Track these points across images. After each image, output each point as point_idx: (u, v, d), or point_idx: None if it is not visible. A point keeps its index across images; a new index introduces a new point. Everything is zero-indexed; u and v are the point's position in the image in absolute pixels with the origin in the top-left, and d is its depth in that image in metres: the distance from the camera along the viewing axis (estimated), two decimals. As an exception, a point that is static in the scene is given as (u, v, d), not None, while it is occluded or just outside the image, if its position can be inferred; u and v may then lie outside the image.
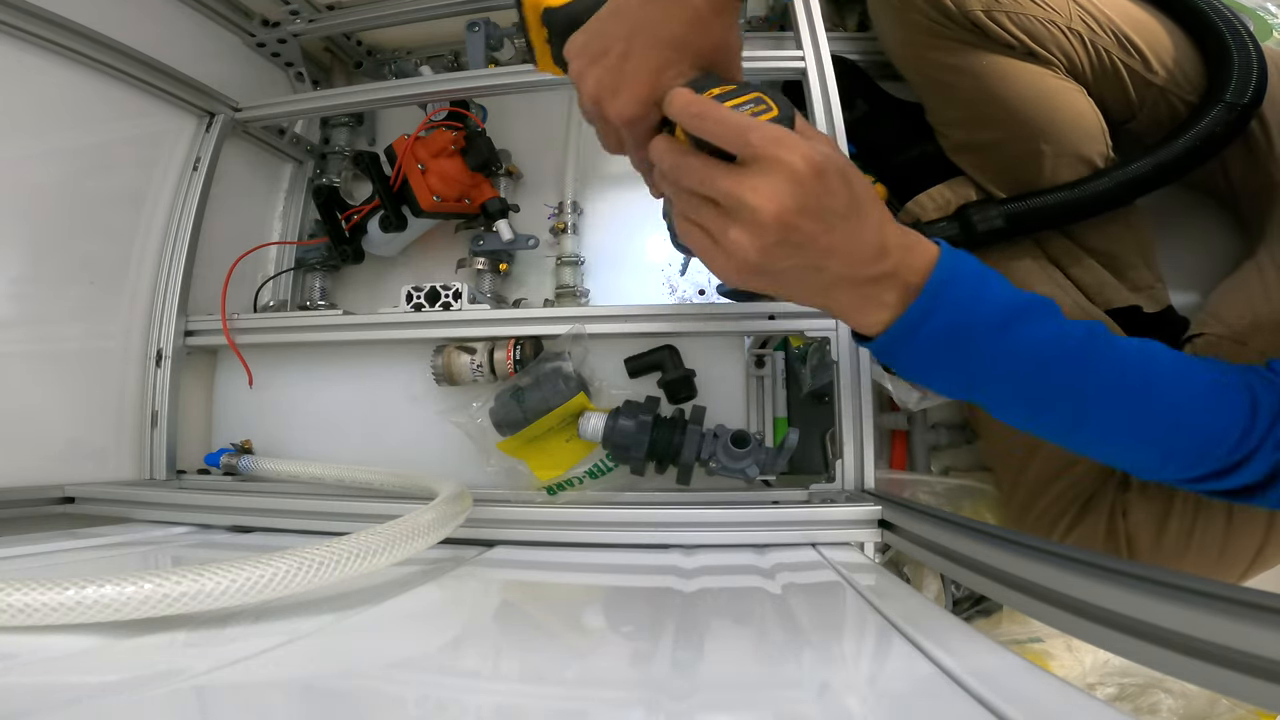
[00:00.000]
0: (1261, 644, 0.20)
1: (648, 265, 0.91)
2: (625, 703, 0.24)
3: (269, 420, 0.75)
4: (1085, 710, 0.21)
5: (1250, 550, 0.57)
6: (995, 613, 0.77)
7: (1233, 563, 0.58)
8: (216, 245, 0.82)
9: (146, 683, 0.25)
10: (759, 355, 0.85)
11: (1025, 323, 0.38)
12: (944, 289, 0.37)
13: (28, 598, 0.28)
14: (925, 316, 0.37)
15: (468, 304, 0.69)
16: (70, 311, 0.69)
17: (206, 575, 0.29)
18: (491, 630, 0.36)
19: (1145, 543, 0.59)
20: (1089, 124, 0.67)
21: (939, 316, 0.37)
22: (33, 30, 0.62)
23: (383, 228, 0.84)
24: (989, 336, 0.37)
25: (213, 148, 0.80)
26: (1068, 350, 0.38)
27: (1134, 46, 0.66)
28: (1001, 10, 0.65)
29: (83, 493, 0.64)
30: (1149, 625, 0.24)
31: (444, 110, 0.84)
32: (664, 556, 0.49)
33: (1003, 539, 0.34)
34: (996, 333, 0.37)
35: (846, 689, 0.24)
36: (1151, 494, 0.59)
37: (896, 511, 0.48)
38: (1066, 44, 0.66)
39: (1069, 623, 0.28)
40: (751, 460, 0.58)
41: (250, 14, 0.93)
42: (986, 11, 0.65)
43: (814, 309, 0.47)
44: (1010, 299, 0.38)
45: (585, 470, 0.67)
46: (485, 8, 0.90)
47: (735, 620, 0.36)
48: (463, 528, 0.46)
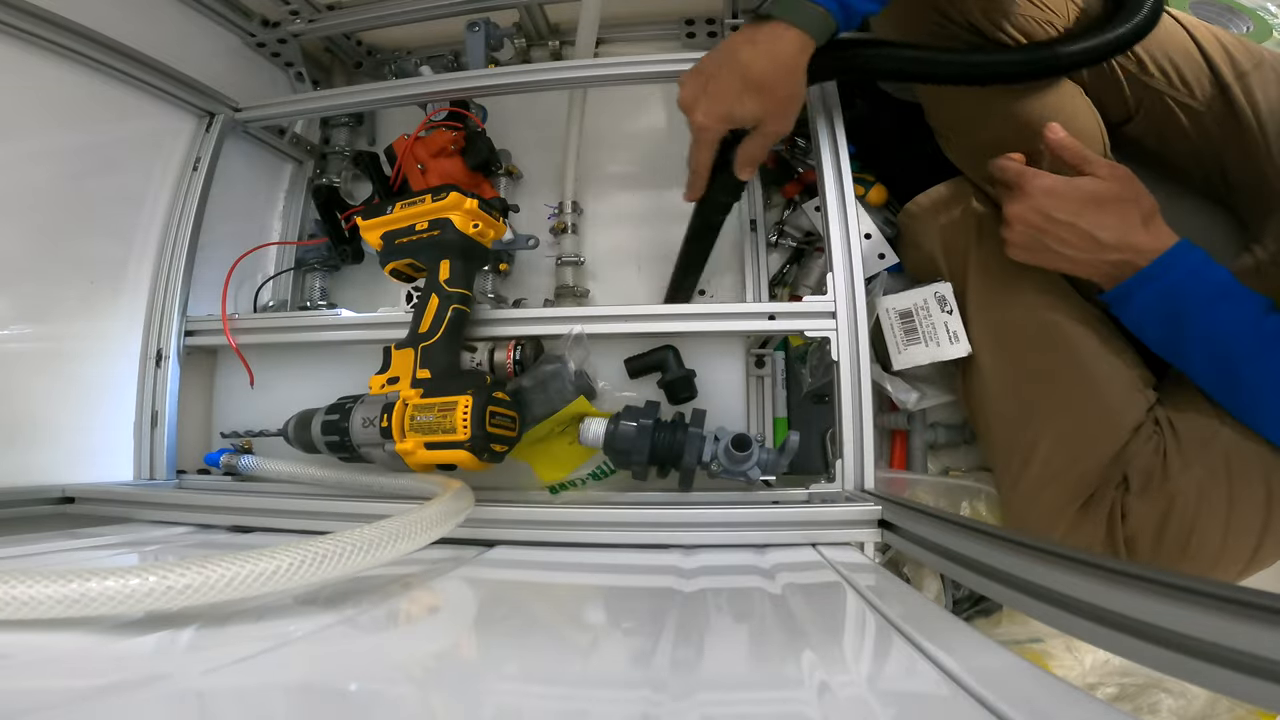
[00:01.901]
0: (1261, 644, 0.20)
1: (648, 265, 0.91)
2: (625, 703, 0.24)
3: (269, 420, 0.75)
4: (1085, 710, 0.21)
5: (1247, 550, 0.57)
6: (995, 613, 0.77)
7: (1230, 563, 0.58)
8: (216, 245, 0.82)
9: (146, 683, 0.25)
10: (759, 355, 0.85)
11: (1230, 303, 0.53)
12: (1177, 258, 0.55)
13: (32, 590, 0.28)
14: (1163, 271, 0.55)
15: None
16: (70, 311, 0.69)
17: (210, 567, 0.29)
18: (491, 630, 0.36)
19: (1145, 544, 0.59)
20: (1086, 125, 0.67)
21: (1169, 277, 0.55)
22: (33, 30, 0.62)
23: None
24: (1200, 306, 0.54)
25: (213, 148, 0.80)
26: (1260, 335, 0.52)
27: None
28: (1000, 11, 0.65)
29: (83, 493, 0.64)
30: (1149, 625, 0.24)
31: (444, 110, 0.84)
32: (664, 556, 0.49)
33: (1003, 539, 0.34)
34: (1206, 305, 0.54)
35: (846, 689, 0.24)
36: (1152, 496, 0.59)
37: (896, 511, 0.48)
38: None
39: (1069, 623, 0.28)
40: (753, 463, 0.58)
41: (250, 14, 0.93)
42: (985, 13, 0.65)
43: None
44: (1225, 283, 0.54)
45: (589, 472, 0.67)
46: (485, 8, 0.90)
47: (735, 620, 0.36)
48: (463, 527, 0.46)
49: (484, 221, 0.63)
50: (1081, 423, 0.64)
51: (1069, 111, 0.67)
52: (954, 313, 0.70)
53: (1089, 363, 0.64)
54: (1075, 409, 0.64)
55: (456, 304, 0.60)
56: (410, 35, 1.02)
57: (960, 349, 0.69)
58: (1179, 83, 0.66)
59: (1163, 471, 0.59)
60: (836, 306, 0.63)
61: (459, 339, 0.61)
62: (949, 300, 0.70)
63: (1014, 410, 0.67)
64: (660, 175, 0.92)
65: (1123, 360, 0.65)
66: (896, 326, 0.71)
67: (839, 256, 0.64)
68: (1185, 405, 0.61)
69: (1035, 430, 0.65)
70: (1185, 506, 0.58)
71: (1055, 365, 0.65)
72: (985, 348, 0.69)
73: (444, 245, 0.61)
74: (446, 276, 0.61)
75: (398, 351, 0.61)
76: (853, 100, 0.72)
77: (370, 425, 0.59)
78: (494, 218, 0.64)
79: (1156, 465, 0.59)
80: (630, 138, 0.96)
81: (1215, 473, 0.57)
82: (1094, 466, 0.62)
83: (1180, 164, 0.71)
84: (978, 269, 0.70)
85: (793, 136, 0.90)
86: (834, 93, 0.70)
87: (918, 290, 0.71)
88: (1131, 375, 0.64)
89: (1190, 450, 0.59)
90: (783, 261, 0.89)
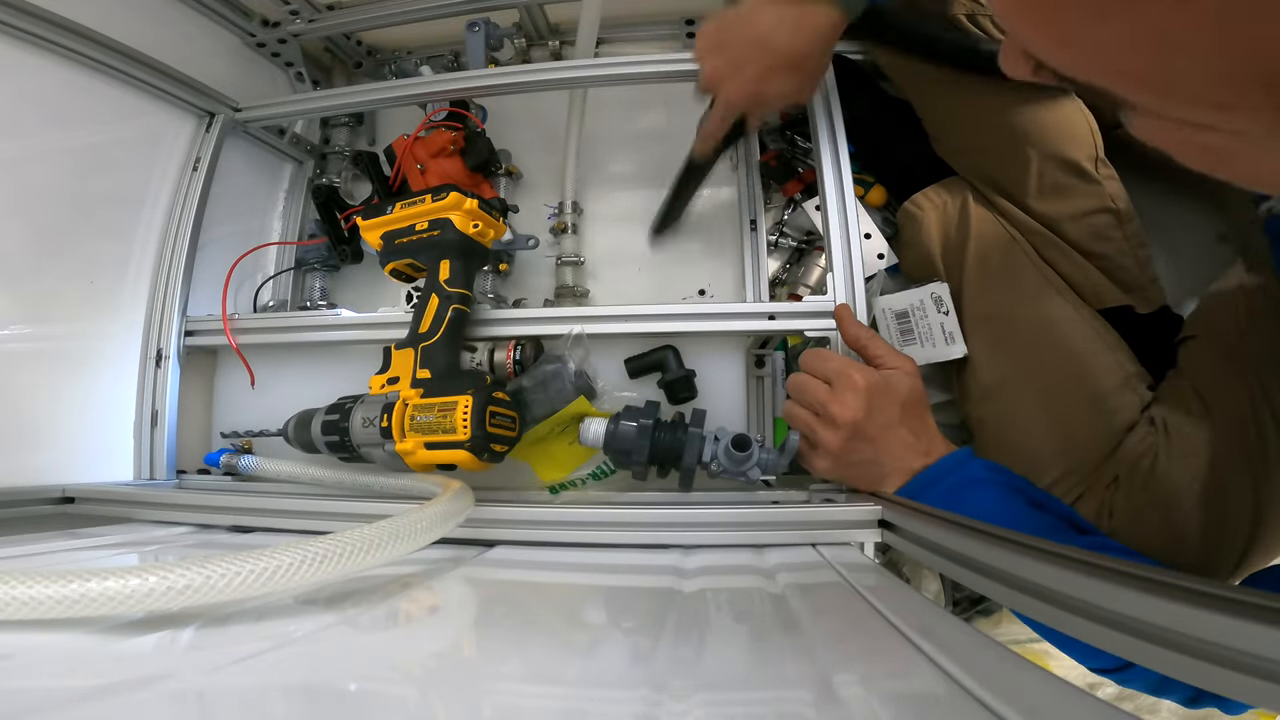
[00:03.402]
0: (1261, 644, 0.20)
1: (648, 265, 0.91)
2: (625, 703, 0.24)
3: (269, 420, 0.75)
4: (1085, 710, 0.21)
5: (1233, 557, 0.56)
6: (995, 613, 0.77)
7: (1215, 571, 0.57)
8: (216, 245, 0.82)
9: (146, 683, 0.25)
10: (759, 355, 0.85)
11: (973, 490, 0.52)
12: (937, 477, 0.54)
13: (32, 590, 0.28)
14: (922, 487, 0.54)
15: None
16: (70, 311, 0.69)
17: (210, 567, 0.29)
18: (491, 630, 0.36)
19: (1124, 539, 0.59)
20: (1075, 127, 0.67)
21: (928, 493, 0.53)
22: (33, 30, 0.62)
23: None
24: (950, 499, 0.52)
25: (213, 148, 0.80)
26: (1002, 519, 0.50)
27: None
28: (985, 15, 0.64)
29: (83, 493, 0.64)
30: (1149, 625, 0.24)
31: (443, 110, 0.84)
32: (663, 556, 0.49)
33: (1003, 539, 0.34)
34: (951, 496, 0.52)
35: (846, 689, 0.24)
36: (1136, 494, 0.59)
37: (896, 511, 0.48)
38: None
39: (1069, 623, 0.28)
40: (753, 463, 0.58)
41: (250, 14, 0.93)
42: (970, 16, 0.64)
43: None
44: (968, 477, 0.53)
45: (589, 472, 0.67)
46: (485, 8, 0.90)
47: (735, 620, 0.36)
48: (463, 527, 0.46)
49: (484, 221, 0.63)
50: (1073, 420, 0.63)
51: (1056, 115, 0.67)
52: (950, 313, 0.70)
53: (1083, 360, 0.64)
54: (1068, 405, 0.64)
55: (456, 304, 0.60)
56: (410, 35, 1.02)
57: (956, 350, 0.69)
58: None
59: (1150, 470, 0.59)
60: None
61: (459, 339, 0.61)
62: (945, 301, 0.70)
63: (1005, 409, 0.67)
64: (661, 175, 0.92)
65: (1117, 358, 0.65)
66: (893, 327, 0.71)
67: (839, 256, 0.64)
68: (1176, 407, 0.61)
69: (1025, 428, 0.65)
70: (1167, 508, 0.57)
71: (1049, 362, 0.65)
72: (981, 345, 0.69)
73: (444, 245, 0.61)
74: (446, 276, 0.61)
75: (398, 351, 0.61)
76: (853, 100, 0.72)
77: (370, 425, 0.59)
78: (494, 218, 0.64)
79: (1146, 464, 0.59)
80: (630, 138, 0.96)
81: (1200, 478, 0.57)
82: (1085, 462, 0.62)
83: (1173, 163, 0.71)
84: (975, 266, 0.70)
85: (793, 136, 0.90)
86: (834, 92, 0.70)
87: (914, 291, 0.71)
88: (1126, 373, 0.64)
89: (1178, 452, 0.58)
90: (783, 261, 0.89)
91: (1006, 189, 0.69)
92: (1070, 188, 0.67)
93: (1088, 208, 0.67)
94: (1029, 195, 0.68)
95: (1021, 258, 0.69)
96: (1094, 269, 0.68)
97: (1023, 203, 0.69)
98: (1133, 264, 0.68)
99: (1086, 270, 0.68)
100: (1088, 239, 0.68)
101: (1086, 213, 0.67)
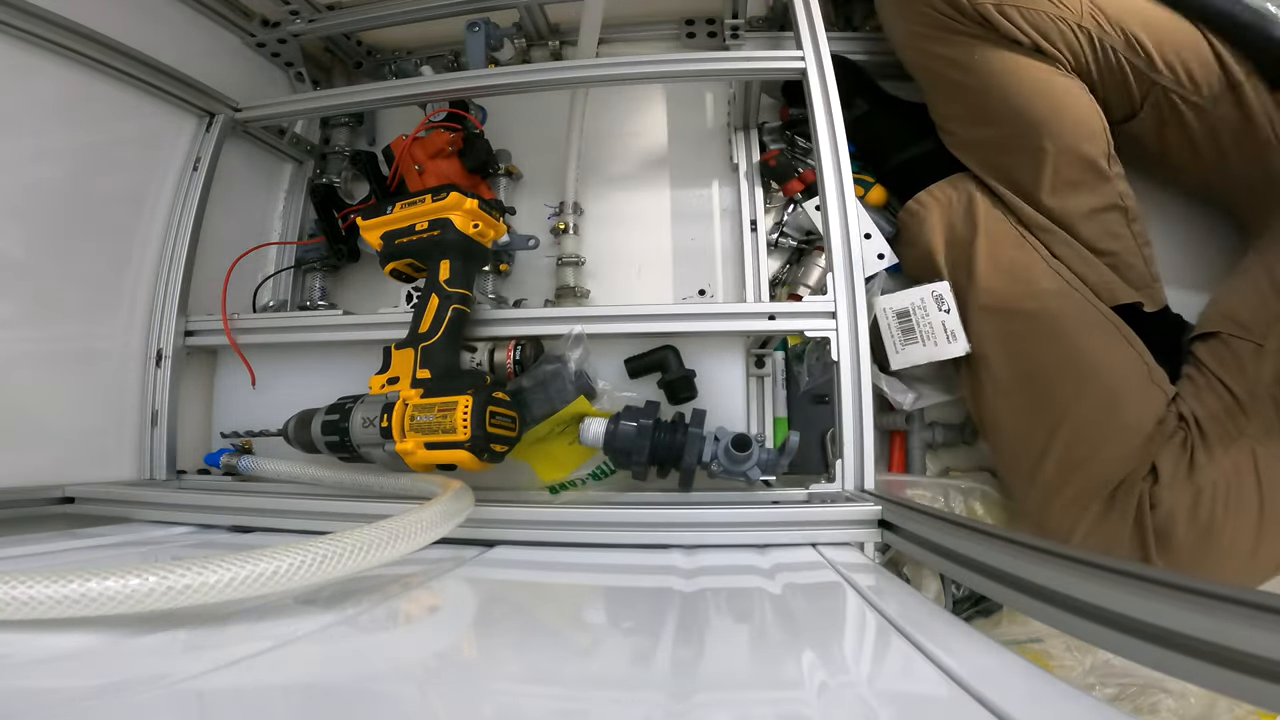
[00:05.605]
0: (1261, 644, 0.20)
1: (648, 265, 0.91)
2: (625, 703, 0.24)
3: (269, 420, 0.75)
4: (1085, 710, 0.21)
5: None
6: (995, 613, 0.77)
7: (1266, 560, 0.57)
8: (216, 245, 0.82)
9: (146, 683, 0.25)
10: (759, 355, 0.85)
11: None
12: None
13: (32, 590, 0.28)
14: None
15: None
16: (70, 311, 0.69)
17: (210, 568, 0.29)
18: (491, 630, 0.36)
19: (1178, 535, 0.58)
20: (1091, 123, 0.67)
21: None
22: (33, 30, 0.62)
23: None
24: None
25: (213, 148, 0.80)
26: None
27: (1140, 45, 0.66)
28: (1013, 5, 0.64)
29: (83, 493, 0.64)
30: (1149, 625, 0.24)
31: (443, 111, 0.84)
32: (664, 556, 0.49)
33: (1003, 539, 0.34)
34: None
35: (846, 689, 0.24)
36: (1180, 487, 0.59)
37: (896, 511, 0.48)
38: (1074, 41, 0.66)
39: (1069, 623, 0.28)
40: (753, 463, 0.58)
41: (250, 14, 0.93)
42: (998, 6, 0.64)
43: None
44: None
45: (589, 472, 0.67)
46: (485, 8, 0.90)
47: (735, 620, 0.36)
48: (463, 527, 0.46)
49: (484, 221, 0.63)
50: (1101, 412, 0.63)
51: (1075, 110, 0.67)
52: (951, 312, 0.69)
53: (1102, 353, 0.64)
54: (1093, 398, 0.63)
55: (456, 304, 0.60)
56: (410, 35, 1.02)
57: (958, 348, 0.69)
58: (1187, 80, 0.66)
59: (1190, 464, 0.59)
60: (836, 306, 0.63)
61: (459, 339, 0.61)
62: (946, 299, 0.70)
63: (1026, 402, 0.66)
64: (660, 175, 0.92)
65: (1136, 351, 0.64)
66: (894, 326, 0.71)
67: (839, 256, 0.64)
68: (1208, 402, 0.61)
69: (1052, 421, 0.64)
70: (1214, 500, 0.57)
71: (1068, 355, 0.65)
72: (992, 342, 0.68)
73: (444, 245, 0.61)
74: (446, 276, 0.61)
75: (398, 351, 0.61)
76: (853, 100, 0.72)
77: (370, 425, 0.59)
78: (494, 218, 0.64)
79: (1184, 458, 0.59)
80: (631, 138, 0.96)
81: (1242, 469, 0.57)
82: (1119, 455, 0.62)
83: (1179, 163, 0.71)
84: (984, 261, 0.69)
85: (793, 136, 0.90)
86: (834, 92, 0.70)
87: (915, 290, 0.71)
88: (1145, 367, 0.64)
89: (1216, 446, 0.59)
90: (783, 261, 0.89)
91: (1019, 183, 0.69)
92: (1084, 184, 0.67)
93: (1099, 204, 0.67)
94: (1043, 190, 0.68)
95: (1033, 253, 0.69)
96: (1105, 267, 0.68)
97: (1035, 198, 0.68)
98: (1140, 262, 0.68)
99: (1097, 268, 0.68)
100: (1098, 237, 0.68)
101: (1098, 210, 0.67)
